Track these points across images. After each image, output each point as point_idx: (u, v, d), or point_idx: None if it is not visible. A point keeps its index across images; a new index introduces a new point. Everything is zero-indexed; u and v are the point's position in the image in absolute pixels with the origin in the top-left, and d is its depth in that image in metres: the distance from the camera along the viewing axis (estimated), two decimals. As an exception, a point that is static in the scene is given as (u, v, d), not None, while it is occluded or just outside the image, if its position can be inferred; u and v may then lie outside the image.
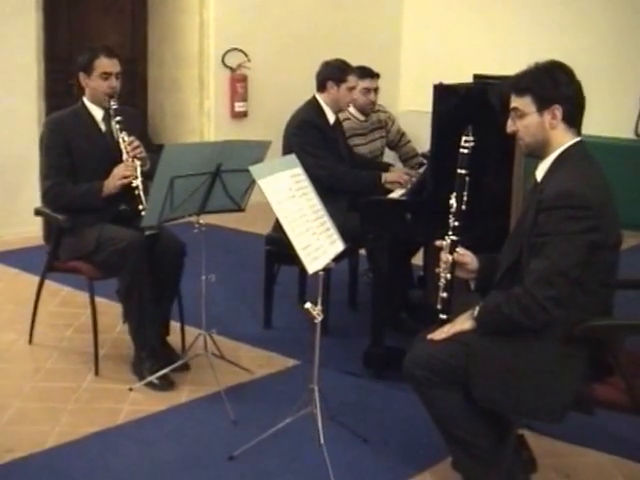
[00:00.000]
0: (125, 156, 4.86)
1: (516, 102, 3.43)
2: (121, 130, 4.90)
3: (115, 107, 4.91)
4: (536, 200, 3.34)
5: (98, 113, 5.04)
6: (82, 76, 4.98)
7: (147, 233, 4.66)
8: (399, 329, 5.32)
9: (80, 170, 4.91)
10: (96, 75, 4.93)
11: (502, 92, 3.66)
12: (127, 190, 4.83)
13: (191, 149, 4.79)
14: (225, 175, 4.49)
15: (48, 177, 4.92)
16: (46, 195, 4.95)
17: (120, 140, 4.89)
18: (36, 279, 5.27)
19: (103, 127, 5.04)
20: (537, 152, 3.46)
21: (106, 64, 4.93)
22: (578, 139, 3.42)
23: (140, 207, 4.70)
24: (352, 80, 5.81)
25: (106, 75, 4.92)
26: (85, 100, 5.05)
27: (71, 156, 4.91)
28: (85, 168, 4.91)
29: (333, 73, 5.75)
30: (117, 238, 4.72)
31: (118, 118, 4.91)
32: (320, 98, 5.80)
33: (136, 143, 4.89)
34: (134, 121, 5.16)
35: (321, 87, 5.79)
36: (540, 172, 3.45)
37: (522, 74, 3.44)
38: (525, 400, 3.35)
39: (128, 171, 4.81)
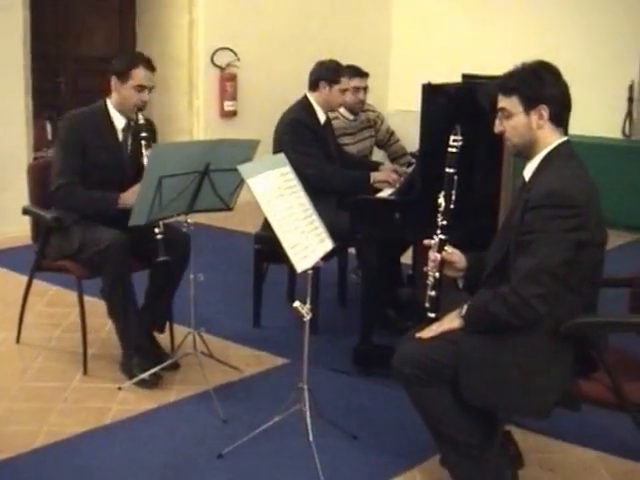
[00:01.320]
0: None
1: (503, 102, 3.45)
2: (146, 147, 4.77)
3: (142, 122, 4.83)
4: (523, 199, 3.36)
5: (120, 121, 4.94)
6: (114, 80, 4.85)
7: (160, 259, 4.61)
8: (388, 327, 5.34)
9: (89, 174, 4.82)
10: (131, 85, 4.80)
11: (490, 92, 3.68)
12: None
13: (179, 148, 4.79)
14: (214, 174, 4.50)
15: (60, 175, 4.81)
16: (57, 193, 4.82)
17: (145, 157, 4.74)
18: (24, 278, 5.26)
19: (121, 136, 4.95)
20: (524, 152, 3.48)
21: (144, 77, 4.82)
22: (565, 139, 3.44)
23: (156, 230, 4.60)
24: (345, 82, 5.84)
25: (141, 88, 4.82)
26: (109, 104, 4.94)
27: (83, 157, 4.82)
28: (95, 173, 4.83)
29: (327, 74, 5.76)
30: (99, 239, 4.68)
31: (144, 134, 4.82)
32: (312, 97, 5.81)
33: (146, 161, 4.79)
34: (152, 137, 5.05)
35: (313, 86, 5.80)
36: (528, 172, 3.48)
37: (509, 74, 3.47)
38: (513, 397, 3.37)
39: None
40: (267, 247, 5.36)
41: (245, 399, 4.64)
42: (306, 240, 3.88)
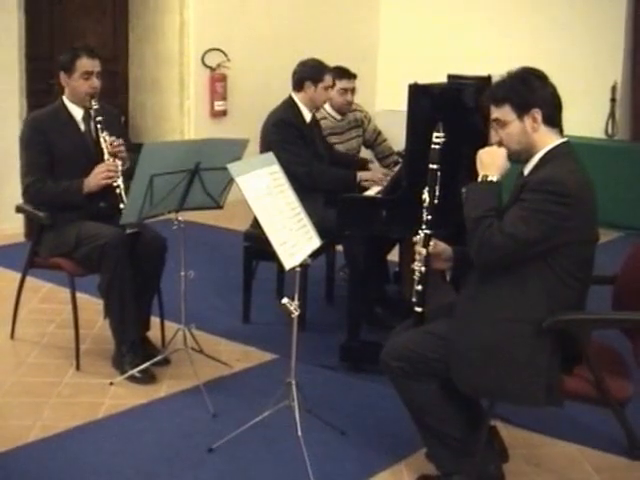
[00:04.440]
0: (106, 155, 4.90)
1: (496, 113, 3.49)
2: (102, 130, 4.93)
3: (96, 107, 4.95)
4: (520, 186, 3.41)
5: (78, 112, 5.06)
6: (63, 75, 5.01)
7: (128, 231, 4.71)
8: (374, 324, 5.40)
9: (59, 169, 4.94)
10: (77, 75, 4.95)
11: (480, 102, 3.72)
12: (107, 188, 4.87)
13: (170, 147, 4.83)
14: (204, 173, 4.54)
15: (28, 174, 4.95)
16: (27, 192, 4.97)
17: (101, 140, 4.92)
18: (18, 276, 5.30)
19: (82, 126, 5.07)
20: (523, 156, 3.51)
21: (87, 64, 4.96)
22: (564, 140, 3.48)
23: (121, 206, 4.73)
24: (328, 79, 5.88)
25: (87, 75, 4.95)
26: (65, 99, 5.07)
27: (50, 155, 4.94)
28: (64, 167, 4.94)
29: (311, 73, 5.81)
30: (98, 235, 4.76)
31: (99, 118, 4.94)
32: (296, 97, 5.85)
33: (117, 142, 4.94)
34: (113, 120, 5.20)
35: (298, 86, 5.84)
36: (527, 168, 3.51)
37: (497, 85, 3.52)
38: (507, 386, 3.42)
39: (110, 171, 4.86)
40: (256, 245, 5.41)
41: (235, 394, 4.68)
42: (294, 238, 3.92)
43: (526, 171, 3.52)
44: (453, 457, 3.65)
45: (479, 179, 3.51)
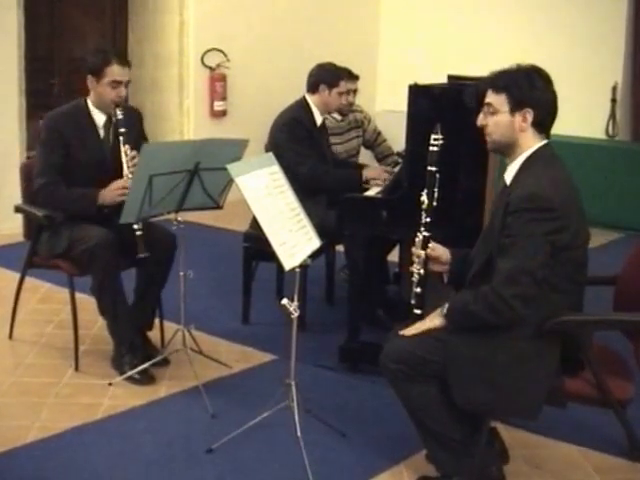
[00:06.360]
0: (126, 171, 4.75)
1: (491, 98, 3.49)
2: (124, 143, 4.78)
3: (120, 117, 4.80)
4: (504, 203, 3.40)
5: (100, 118, 4.94)
6: (90, 79, 4.85)
7: (140, 256, 4.65)
8: (374, 324, 5.39)
9: (72, 172, 4.84)
10: (106, 82, 4.80)
11: (477, 91, 3.72)
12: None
13: (170, 148, 4.82)
14: (203, 173, 4.53)
15: (42, 174, 4.84)
16: (39, 192, 4.86)
17: (122, 154, 4.77)
18: (17, 276, 5.29)
19: (102, 133, 4.95)
20: (502, 150, 3.53)
21: (118, 72, 4.80)
22: (545, 142, 3.48)
23: (135, 227, 4.62)
24: (343, 85, 5.90)
25: (116, 84, 4.81)
26: (89, 102, 4.95)
27: (66, 156, 4.84)
28: (77, 171, 4.85)
29: (327, 77, 5.82)
30: (87, 237, 4.71)
31: (122, 130, 4.80)
32: (310, 99, 5.86)
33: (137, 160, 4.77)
34: (135, 122, 5.08)
35: (313, 89, 5.85)
36: (508, 175, 3.51)
37: (502, 72, 3.50)
38: (503, 400, 3.43)
39: (127, 188, 4.63)
40: (256, 245, 5.41)
41: (234, 395, 4.68)
42: (294, 238, 3.92)
43: (507, 178, 3.52)
44: (453, 458, 3.64)
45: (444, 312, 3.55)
